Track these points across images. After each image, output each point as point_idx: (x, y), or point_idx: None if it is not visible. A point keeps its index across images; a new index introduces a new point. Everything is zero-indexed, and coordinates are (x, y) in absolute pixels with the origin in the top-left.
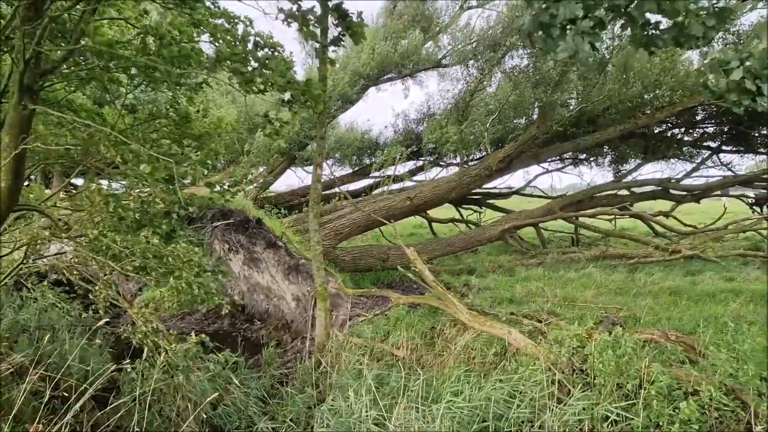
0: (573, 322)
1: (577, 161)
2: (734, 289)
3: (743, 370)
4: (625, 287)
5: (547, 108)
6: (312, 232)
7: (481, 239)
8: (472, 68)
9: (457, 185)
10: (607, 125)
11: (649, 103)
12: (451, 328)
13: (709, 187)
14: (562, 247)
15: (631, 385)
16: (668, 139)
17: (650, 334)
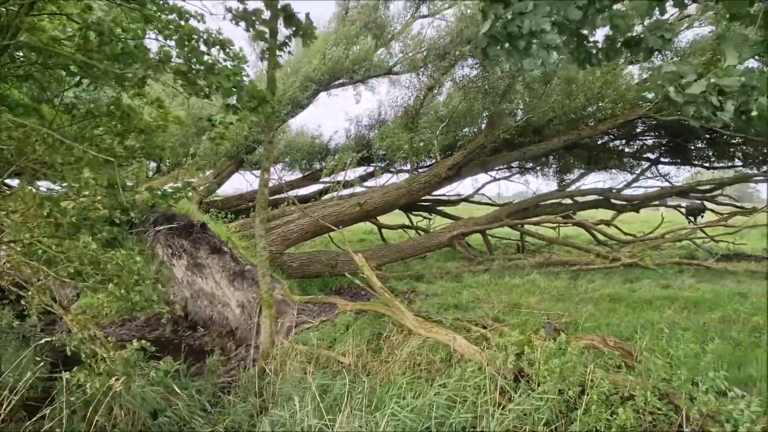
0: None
1: (524, 170)
2: (670, 296)
3: (677, 375)
4: (567, 293)
5: (495, 117)
6: (258, 237)
7: (430, 246)
8: (422, 76)
9: (406, 192)
10: (552, 135)
11: (591, 115)
12: (397, 334)
13: (648, 197)
14: (508, 253)
15: (572, 390)
16: (610, 150)
17: (590, 340)
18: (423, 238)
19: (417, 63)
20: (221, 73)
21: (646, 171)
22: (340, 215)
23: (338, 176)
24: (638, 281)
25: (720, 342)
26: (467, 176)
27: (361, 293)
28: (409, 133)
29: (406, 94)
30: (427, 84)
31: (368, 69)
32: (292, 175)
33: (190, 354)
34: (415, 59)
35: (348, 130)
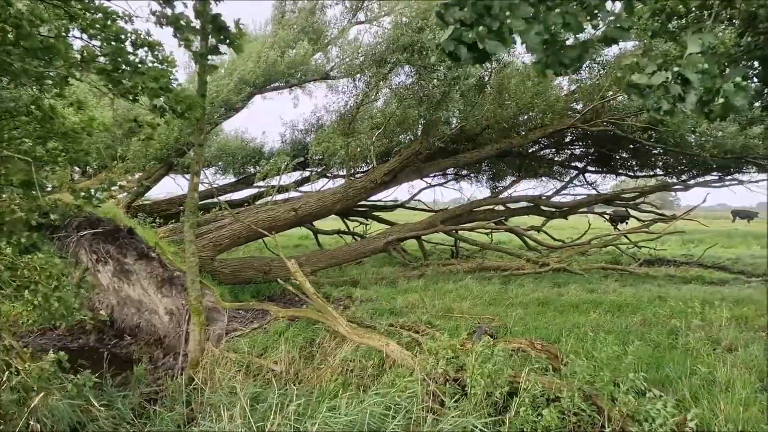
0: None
1: (459, 177)
2: (595, 300)
3: (599, 377)
4: (498, 298)
5: (430, 125)
6: (187, 243)
7: (366, 251)
8: (359, 82)
9: (342, 197)
10: (485, 143)
11: (523, 124)
12: (331, 340)
13: (576, 204)
14: (443, 259)
15: (500, 393)
16: (540, 158)
17: (519, 344)
18: (359, 243)
19: (354, 68)
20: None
21: (574, 179)
22: (275, 220)
23: (273, 181)
24: (566, 285)
25: (640, 344)
26: (403, 182)
27: (296, 300)
28: (345, 139)
29: (343, 99)
30: (364, 90)
31: (305, 73)
32: (225, 179)
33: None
34: (352, 65)
35: (283, 134)
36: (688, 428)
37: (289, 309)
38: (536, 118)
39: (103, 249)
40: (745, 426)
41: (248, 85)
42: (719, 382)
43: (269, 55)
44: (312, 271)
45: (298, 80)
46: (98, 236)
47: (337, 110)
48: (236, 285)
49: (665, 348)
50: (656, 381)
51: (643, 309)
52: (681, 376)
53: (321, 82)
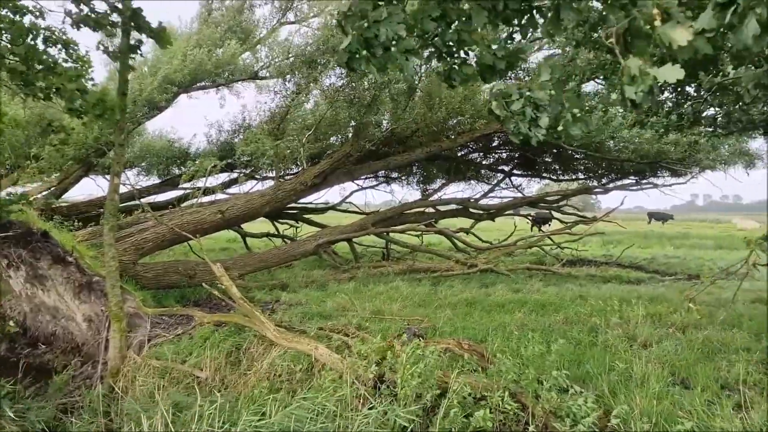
0: (379, 335)
1: (390, 179)
2: (520, 299)
3: (525, 374)
4: (428, 299)
5: (361, 127)
6: (107, 246)
7: (296, 254)
8: (289, 83)
9: (271, 199)
10: (416, 146)
11: (452, 128)
12: (258, 345)
13: (502, 206)
14: (374, 261)
15: (430, 395)
16: (469, 162)
17: (447, 344)
18: (288, 246)
19: (283, 69)
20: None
21: (501, 182)
22: (201, 223)
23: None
24: (493, 286)
25: (563, 342)
26: (334, 184)
27: (223, 304)
28: (274, 140)
29: (273, 100)
30: (294, 91)
31: (232, 73)
32: (149, 181)
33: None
34: (281, 65)
35: (210, 134)
36: (611, 425)
37: (215, 314)
38: (465, 123)
39: (14, 253)
40: (659, 419)
41: (173, 84)
42: (635, 378)
43: (195, 54)
44: (240, 274)
45: (226, 80)
46: (8, 240)
47: (266, 111)
48: (160, 290)
49: (586, 345)
50: (577, 377)
51: (566, 308)
52: (600, 372)
53: (249, 82)
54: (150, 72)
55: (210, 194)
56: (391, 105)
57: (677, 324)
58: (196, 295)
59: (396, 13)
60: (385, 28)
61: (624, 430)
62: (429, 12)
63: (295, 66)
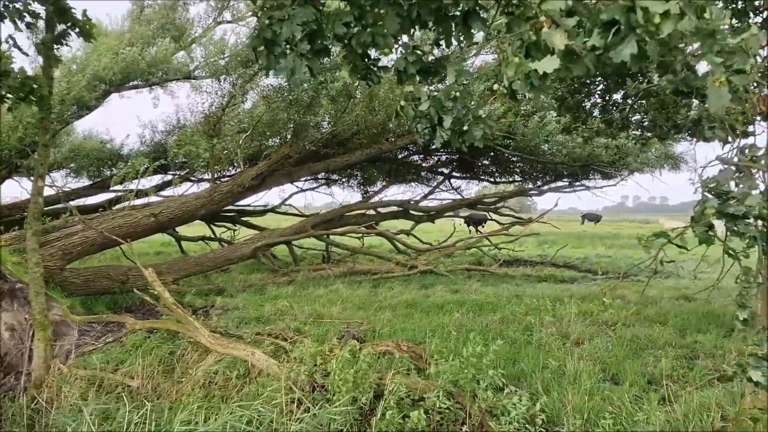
0: (318, 339)
1: (330, 181)
2: (459, 300)
3: (462, 375)
4: (368, 301)
5: (300, 128)
6: (30, 251)
7: (233, 258)
8: (225, 83)
9: (207, 201)
10: (356, 148)
11: (392, 130)
12: (193, 352)
13: (442, 208)
14: (314, 264)
15: (366, 397)
16: (409, 164)
17: (386, 346)
18: (225, 249)
19: (219, 69)
20: None
21: (441, 184)
22: (133, 226)
23: (131, 184)
24: (432, 287)
25: (499, 341)
26: (273, 186)
27: (156, 310)
28: (210, 141)
29: (208, 100)
30: (230, 91)
31: (166, 72)
32: (78, 183)
33: None
34: (217, 65)
35: (143, 135)
36: (539, 419)
37: (147, 320)
38: (404, 125)
39: None
40: (590, 414)
41: (103, 82)
42: (568, 374)
43: (127, 52)
44: (174, 279)
45: (159, 79)
46: None
47: (202, 111)
48: (90, 296)
49: (521, 344)
50: (513, 376)
51: (502, 307)
52: (534, 370)
53: (184, 81)
54: (78, 69)
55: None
56: (331, 106)
57: (608, 321)
58: (129, 301)
59: (299, 14)
60: (286, 28)
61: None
62: (341, 16)
63: (231, 66)
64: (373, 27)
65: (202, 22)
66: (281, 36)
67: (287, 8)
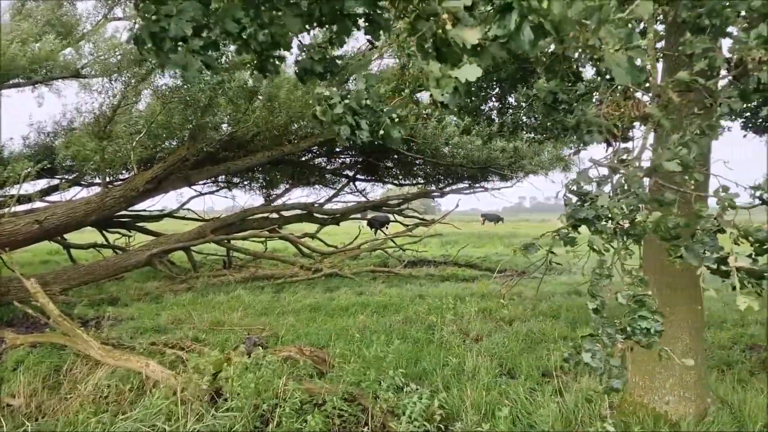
0: (217, 347)
1: (231, 185)
2: (363, 302)
3: (365, 376)
4: (271, 307)
5: (198, 130)
6: None
7: (127, 265)
8: (116, 82)
9: (98, 207)
10: (257, 151)
11: (294, 132)
12: (83, 366)
13: (346, 210)
14: (214, 270)
15: (267, 405)
16: (313, 166)
17: (288, 351)
18: (119, 257)
19: (110, 67)
20: None
21: (345, 187)
22: (14, 234)
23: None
24: (337, 290)
25: (401, 342)
26: (170, 190)
27: (42, 323)
28: (100, 143)
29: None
30: (122, 91)
31: (52, 69)
32: None
33: None
34: (107, 63)
35: (28, 137)
36: (437, 416)
37: (30, 334)
38: (307, 127)
39: None
40: (488, 408)
41: None
42: (467, 371)
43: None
44: (62, 289)
45: (44, 77)
46: None
47: (91, 111)
48: None
49: (423, 343)
50: (415, 375)
51: (406, 308)
52: (435, 368)
53: (72, 80)
54: None
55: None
56: (231, 107)
57: (505, 318)
58: (11, 314)
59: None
60: (174, 24)
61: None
62: (231, 12)
63: (123, 64)
64: (271, 26)
65: (92, 19)
66: (170, 32)
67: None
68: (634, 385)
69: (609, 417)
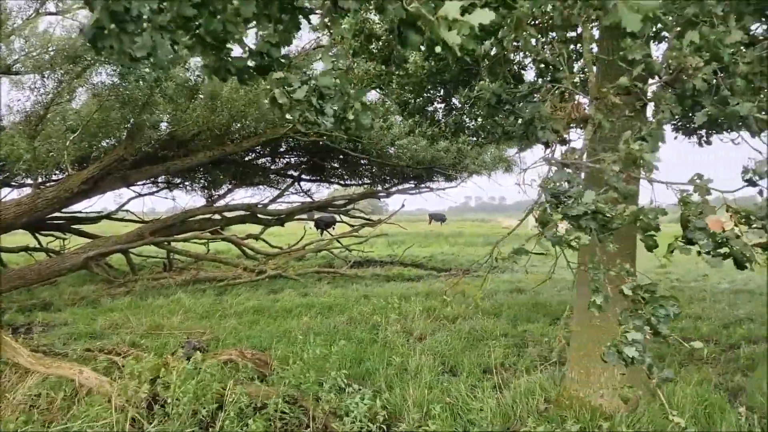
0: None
1: (172, 185)
2: (308, 303)
3: (306, 378)
4: (212, 310)
5: (135, 129)
6: None
7: (62, 269)
8: (49, 79)
9: (30, 208)
10: (198, 150)
11: (237, 131)
12: (11, 374)
13: (291, 211)
14: (154, 273)
15: (206, 410)
16: (256, 166)
17: (229, 355)
18: (53, 260)
19: (43, 64)
20: None
21: (290, 187)
22: None
23: None
24: (281, 291)
25: (345, 342)
26: (107, 191)
27: None
28: (31, 142)
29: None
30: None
31: None
32: None
33: None
34: (40, 59)
35: None
36: (380, 416)
37: None
38: (250, 127)
39: None
40: (429, 407)
41: None
42: (410, 370)
43: None
44: None
45: None
46: None
47: (23, 110)
48: None
49: (367, 343)
50: (358, 375)
51: (350, 308)
52: (379, 368)
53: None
54: None
55: None
56: (170, 106)
57: (449, 316)
58: None
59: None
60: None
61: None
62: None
63: (56, 60)
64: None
65: (23, 14)
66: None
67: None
68: (571, 380)
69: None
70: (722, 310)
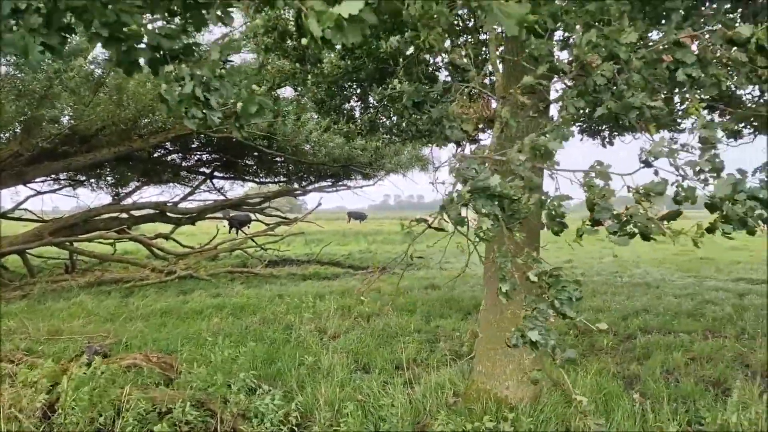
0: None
1: (75, 182)
2: (219, 304)
3: (213, 381)
4: (117, 312)
5: (32, 123)
6: None
7: None
8: None
9: None
10: (102, 146)
11: (144, 127)
12: None
13: (203, 209)
14: (54, 275)
15: (104, 416)
16: (166, 163)
17: (132, 359)
18: None
19: None
20: None
21: (202, 184)
22: None
23: None
24: (192, 292)
25: (256, 343)
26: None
27: None
28: None
29: None
30: None
31: None
32: None
33: None
34: None
35: None
36: (293, 417)
37: None
38: (158, 122)
39: None
40: (341, 405)
41: None
42: (322, 369)
43: None
44: None
45: None
46: None
47: None
48: None
49: (280, 343)
50: (269, 376)
51: (263, 308)
52: (291, 368)
53: None
54: None
55: None
56: (73, 99)
57: (363, 314)
58: None
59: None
60: None
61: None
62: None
63: None
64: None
65: None
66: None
67: None
68: (479, 372)
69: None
70: (621, 302)
